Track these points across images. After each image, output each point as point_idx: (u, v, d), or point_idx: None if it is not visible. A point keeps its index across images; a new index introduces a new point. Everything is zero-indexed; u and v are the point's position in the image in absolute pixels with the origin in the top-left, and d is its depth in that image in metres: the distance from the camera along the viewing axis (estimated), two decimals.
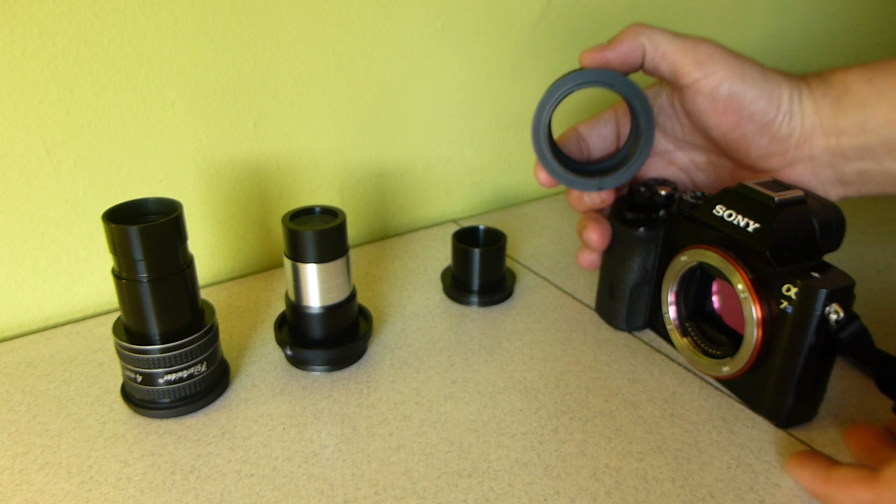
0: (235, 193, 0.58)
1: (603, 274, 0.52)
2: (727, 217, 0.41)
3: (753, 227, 0.39)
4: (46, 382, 0.45)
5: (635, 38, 0.43)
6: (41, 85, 0.47)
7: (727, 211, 0.41)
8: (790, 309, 0.38)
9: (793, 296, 0.38)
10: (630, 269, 0.48)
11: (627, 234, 0.48)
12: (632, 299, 0.49)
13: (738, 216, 0.40)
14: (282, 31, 0.55)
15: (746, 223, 0.40)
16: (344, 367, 0.47)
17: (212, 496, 0.36)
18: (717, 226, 0.42)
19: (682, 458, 0.39)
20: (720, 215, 0.41)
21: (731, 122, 0.42)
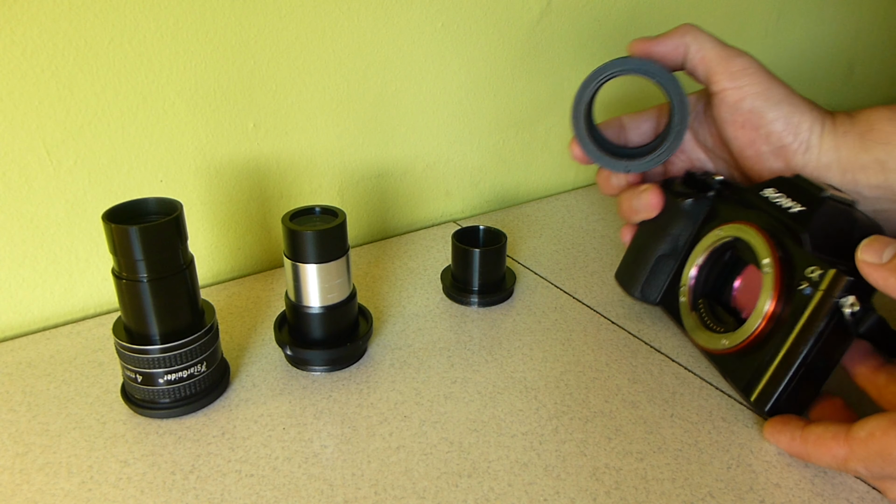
0: (235, 193, 0.58)
1: (634, 240, 0.52)
2: (773, 198, 0.42)
3: (797, 209, 0.40)
4: (46, 382, 0.45)
5: (681, 37, 0.44)
6: (41, 85, 0.47)
7: (776, 194, 0.42)
8: (808, 290, 0.38)
9: (815, 277, 0.38)
10: (664, 238, 0.49)
11: (672, 203, 0.48)
12: (654, 269, 0.50)
13: (785, 199, 0.41)
14: (282, 31, 0.55)
15: (791, 206, 0.40)
16: (344, 367, 0.47)
17: (212, 496, 0.36)
18: (761, 206, 0.42)
19: (682, 458, 0.39)
20: (766, 196, 0.42)
21: (747, 138, 0.44)
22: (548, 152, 0.77)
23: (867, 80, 1.09)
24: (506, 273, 0.56)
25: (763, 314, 0.40)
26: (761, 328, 0.40)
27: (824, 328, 0.37)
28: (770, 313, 0.39)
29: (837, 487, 0.37)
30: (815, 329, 0.37)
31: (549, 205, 0.75)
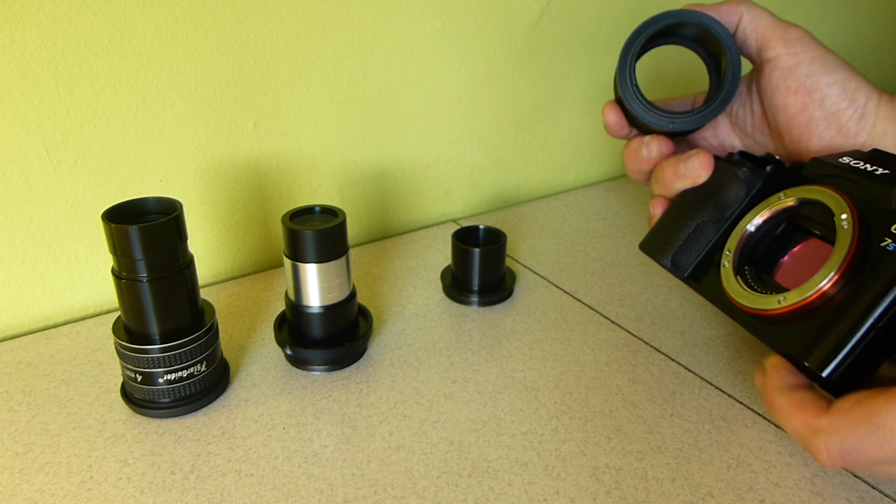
0: (235, 193, 0.58)
1: (671, 206, 0.47)
2: (853, 164, 0.38)
3: (882, 172, 0.37)
4: (46, 382, 0.45)
5: (736, 6, 0.44)
6: (41, 85, 0.47)
7: (855, 161, 0.38)
8: (892, 247, 0.34)
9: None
10: (710, 204, 0.44)
11: (727, 169, 0.44)
12: (692, 236, 0.45)
13: (867, 164, 0.38)
14: (282, 31, 0.55)
15: (875, 169, 0.37)
16: (344, 367, 0.47)
17: (212, 496, 0.36)
18: (836, 171, 0.38)
19: (682, 458, 0.39)
20: (846, 162, 0.39)
21: (800, 104, 0.42)
22: (548, 152, 0.77)
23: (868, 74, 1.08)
24: (506, 273, 0.56)
25: (836, 268, 0.35)
26: (829, 286, 0.35)
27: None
28: (844, 268, 0.35)
29: (837, 487, 0.37)
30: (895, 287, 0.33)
31: (549, 205, 0.75)
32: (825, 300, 0.35)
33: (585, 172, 0.81)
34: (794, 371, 0.36)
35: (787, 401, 0.35)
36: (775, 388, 0.36)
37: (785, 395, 0.35)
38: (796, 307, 0.36)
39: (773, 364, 0.37)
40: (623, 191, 0.79)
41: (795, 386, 0.35)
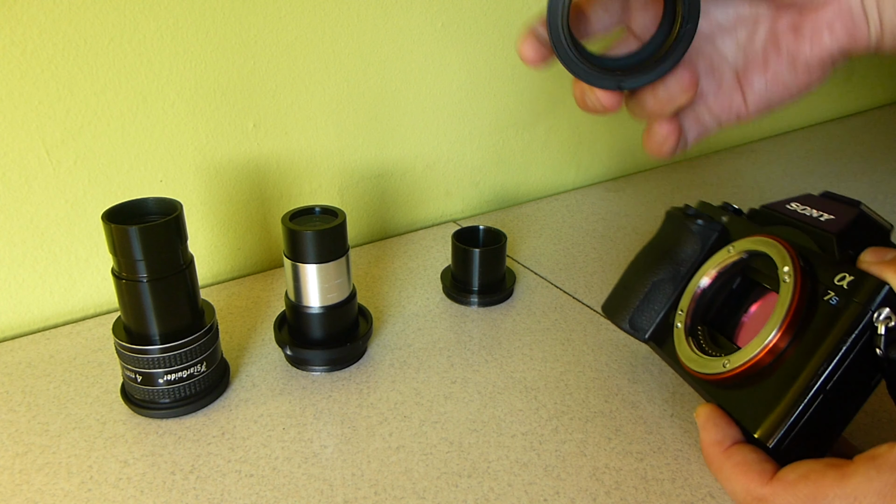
0: (235, 193, 0.58)
1: (630, 265, 0.45)
2: (800, 209, 0.37)
3: (827, 217, 0.35)
4: (46, 382, 0.45)
5: None
6: (41, 85, 0.47)
7: (803, 207, 0.37)
8: (835, 300, 0.31)
9: (845, 285, 0.31)
10: (665, 261, 0.43)
11: (681, 223, 0.42)
12: (649, 296, 0.43)
13: (814, 210, 0.36)
14: (282, 31, 0.55)
15: (820, 214, 0.35)
16: (344, 367, 0.47)
17: (212, 496, 0.36)
18: (784, 216, 0.37)
19: (682, 458, 0.39)
20: (793, 208, 0.37)
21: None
22: (548, 152, 0.77)
23: (867, 80, 1.09)
24: (506, 273, 0.56)
25: (777, 327, 0.32)
26: (772, 345, 0.33)
27: (852, 345, 0.30)
28: (785, 327, 0.32)
29: None
30: (842, 346, 0.30)
31: (549, 205, 0.75)
32: (771, 361, 0.33)
33: (585, 172, 0.81)
34: (730, 422, 0.33)
35: (728, 461, 0.32)
36: (714, 442, 0.33)
37: (726, 454, 0.32)
38: (740, 371, 0.34)
39: (708, 416, 0.34)
40: (623, 191, 0.79)
41: (735, 442, 0.32)
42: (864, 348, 0.30)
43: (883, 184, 0.80)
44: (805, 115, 1.03)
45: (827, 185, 0.80)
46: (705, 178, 0.83)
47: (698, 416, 0.34)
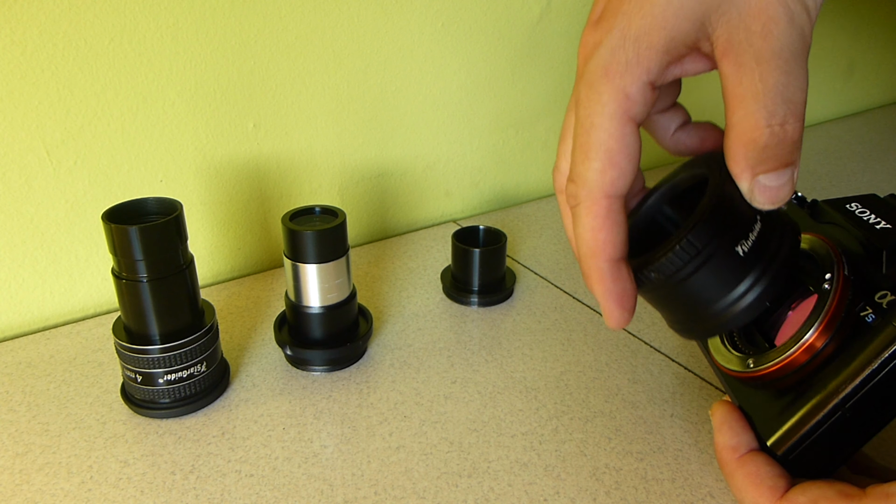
0: (235, 193, 0.58)
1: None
2: (858, 212, 0.35)
3: (883, 226, 0.33)
4: (46, 382, 0.45)
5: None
6: (41, 85, 0.47)
7: (862, 209, 0.35)
8: (871, 318, 0.30)
9: (885, 304, 0.30)
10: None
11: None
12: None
13: (873, 215, 0.34)
14: (282, 31, 0.55)
15: (878, 221, 0.34)
16: (344, 367, 0.47)
17: (212, 496, 0.36)
18: (839, 219, 0.35)
19: (682, 458, 0.39)
20: (852, 209, 0.35)
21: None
22: (548, 152, 0.77)
23: (867, 80, 1.09)
24: (506, 273, 0.56)
25: (807, 337, 0.31)
26: (799, 353, 0.31)
27: (880, 368, 0.29)
28: (815, 337, 0.31)
29: None
30: (870, 367, 0.29)
31: (549, 205, 0.75)
32: (795, 369, 0.32)
33: None
34: (746, 426, 0.32)
35: (741, 469, 0.31)
36: (729, 447, 0.32)
37: (740, 462, 0.31)
38: (764, 373, 0.33)
39: (724, 418, 0.33)
40: None
41: (751, 451, 0.32)
42: (893, 372, 0.29)
43: (883, 184, 0.80)
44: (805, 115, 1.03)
45: (827, 185, 0.80)
46: None
47: (714, 415, 0.33)
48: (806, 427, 0.30)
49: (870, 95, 1.10)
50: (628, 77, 0.26)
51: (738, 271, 0.30)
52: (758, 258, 0.30)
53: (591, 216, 0.28)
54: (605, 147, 0.27)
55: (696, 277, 0.30)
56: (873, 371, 0.29)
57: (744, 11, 0.24)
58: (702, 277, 0.30)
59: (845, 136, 0.99)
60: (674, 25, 0.25)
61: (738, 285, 0.30)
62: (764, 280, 0.30)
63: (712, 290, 0.30)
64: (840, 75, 1.05)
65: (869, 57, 1.06)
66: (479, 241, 0.57)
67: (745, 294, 0.30)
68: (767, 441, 0.31)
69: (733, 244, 0.29)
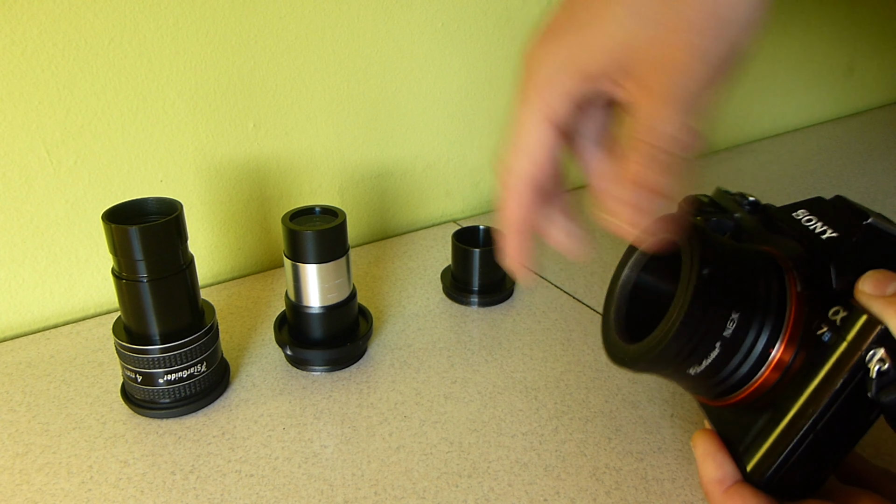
0: (235, 193, 0.58)
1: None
2: (805, 221, 0.34)
3: (829, 234, 0.32)
4: (46, 382, 0.45)
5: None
6: (41, 85, 0.47)
7: (808, 216, 0.34)
8: (828, 336, 0.29)
9: (838, 321, 0.29)
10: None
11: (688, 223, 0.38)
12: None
13: (819, 222, 0.33)
14: (282, 31, 0.55)
15: (824, 230, 0.33)
16: (344, 367, 0.47)
17: (212, 496, 0.36)
18: (787, 227, 0.34)
19: (682, 458, 0.39)
20: (798, 218, 0.34)
21: None
22: None
23: (867, 80, 1.09)
24: (506, 273, 0.56)
25: (773, 354, 0.31)
26: (764, 377, 0.31)
27: (842, 388, 0.29)
28: (776, 361, 0.31)
29: None
30: (832, 387, 0.29)
31: None
32: (763, 393, 0.31)
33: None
34: (728, 456, 0.32)
35: (727, 502, 0.31)
36: (714, 480, 0.32)
37: (726, 495, 0.31)
38: (734, 401, 0.33)
39: (706, 450, 0.33)
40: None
41: (736, 483, 0.32)
42: (857, 390, 0.29)
43: (883, 184, 0.80)
44: (805, 115, 1.04)
45: (827, 185, 0.80)
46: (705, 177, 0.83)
47: (696, 447, 0.33)
48: (783, 452, 0.30)
49: (870, 95, 1.10)
50: (550, 90, 0.31)
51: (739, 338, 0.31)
52: (752, 314, 0.31)
53: (515, 197, 0.34)
54: (527, 141, 0.32)
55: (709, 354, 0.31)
56: (836, 392, 0.29)
57: (656, 56, 0.28)
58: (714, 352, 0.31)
59: (845, 136, 0.99)
60: (598, 59, 0.29)
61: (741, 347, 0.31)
62: (765, 329, 0.31)
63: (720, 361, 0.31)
64: (840, 75, 1.05)
65: (869, 57, 1.06)
66: (479, 240, 0.57)
67: (752, 349, 0.31)
68: (747, 468, 0.31)
69: (725, 319, 0.30)
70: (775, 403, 0.31)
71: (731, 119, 0.94)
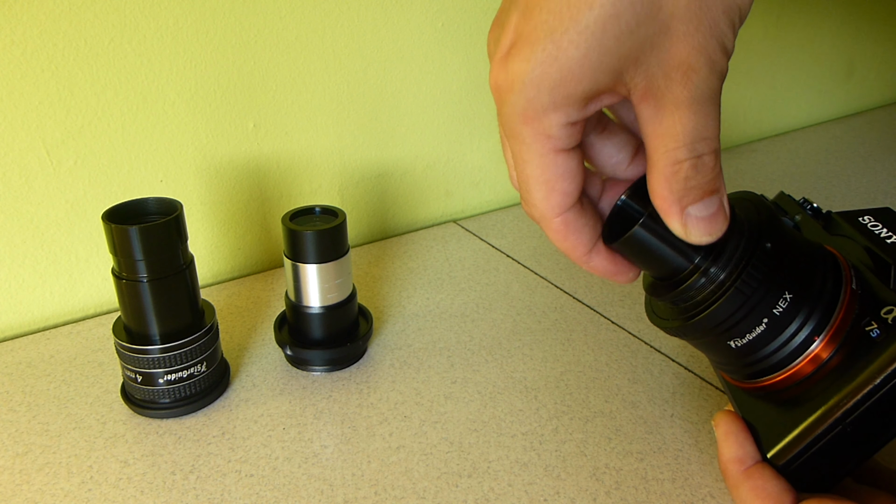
0: (235, 193, 0.58)
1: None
2: (870, 226, 0.35)
3: (894, 240, 0.33)
4: (46, 382, 0.45)
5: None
6: (41, 85, 0.47)
7: (874, 222, 0.35)
8: (876, 333, 0.30)
9: (890, 320, 0.30)
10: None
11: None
12: None
13: (885, 229, 0.34)
14: (282, 31, 0.55)
15: (889, 235, 0.34)
16: (344, 367, 0.47)
17: (212, 496, 0.36)
18: (851, 232, 0.35)
19: (682, 458, 0.39)
20: (864, 223, 0.35)
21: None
22: None
23: (867, 80, 1.09)
24: None
25: (813, 348, 0.31)
26: (805, 363, 0.31)
27: (882, 384, 0.28)
28: (821, 348, 0.31)
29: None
30: (872, 382, 0.28)
31: None
32: (799, 380, 0.31)
33: None
34: (750, 438, 0.32)
35: (747, 482, 0.31)
36: (735, 459, 0.32)
37: (745, 475, 0.31)
38: (766, 384, 0.32)
39: (728, 429, 0.33)
40: None
41: (756, 463, 0.31)
42: (893, 389, 0.28)
43: (883, 184, 0.80)
44: (805, 115, 1.03)
45: (827, 185, 0.80)
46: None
47: (718, 426, 0.33)
48: (806, 440, 0.30)
49: (870, 95, 1.10)
50: (546, 121, 0.26)
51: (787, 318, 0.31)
52: (803, 299, 0.31)
53: (553, 232, 0.30)
54: (541, 180, 0.28)
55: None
56: (875, 387, 0.28)
57: (664, 61, 0.25)
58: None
59: (845, 136, 0.99)
60: (591, 78, 0.25)
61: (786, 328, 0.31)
62: (812, 318, 0.31)
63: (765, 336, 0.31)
64: (840, 75, 1.04)
65: (869, 57, 1.06)
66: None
67: (795, 335, 0.31)
68: (768, 453, 0.31)
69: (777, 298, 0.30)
70: (807, 394, 0.31)
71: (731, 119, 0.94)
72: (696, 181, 0.27)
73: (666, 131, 0.26)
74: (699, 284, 0.30)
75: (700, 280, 0.30)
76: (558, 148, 0.27)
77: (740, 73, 0.91)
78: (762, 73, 0.94)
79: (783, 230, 0.31)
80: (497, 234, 0.67)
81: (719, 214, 0.28)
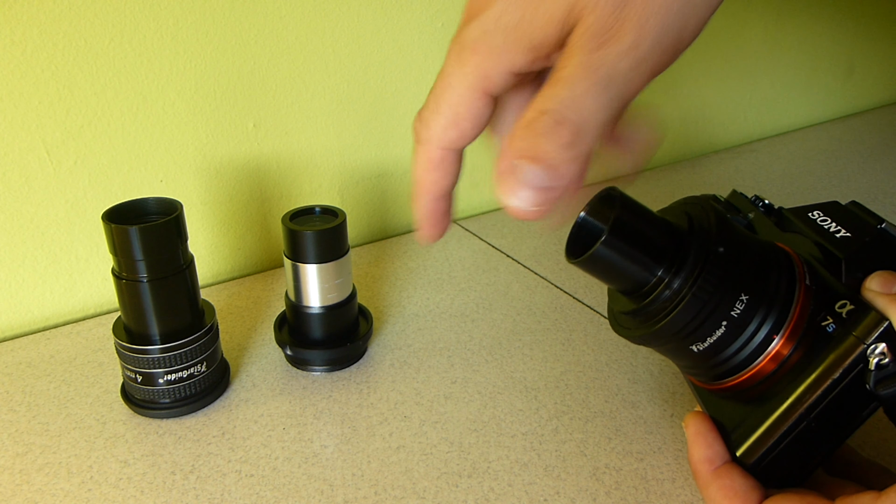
0: (235, 193, 0.58)
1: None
2: (820, 221, 0.35)
3: (843, 234, 0.34)
4: (46, 382, 0.45)
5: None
6: (41, 85, 0.47)
7: (823, 217, 0.35)
8: (832, 328, 0.31)
9: (844, 314, 0.30)
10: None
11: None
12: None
13: (833, 223, 0.35)
14: (282, 31, 0.55)
15: (838, 229, 0.34)
16: (344, 367, 0.47)
17: (212, 496, 0.36)
18: (803, 227, 0.35)
19: (682, 458, 0.39)
20: (814, 218, 0.36)
21: None
22: None
23: (867, 80, 1.09)
24: None
25: (773, 346, 0.32)
26: (766, 362, 0.32)
27: (841, 377, 0.29)
28: (774, 352, 0.31)
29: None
30: (831, 376, 0.29)
31: None
32: (761, 379, 0.32)
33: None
34: (719, 438, 0.33)
35: (716, 482, 0.31)
36: (704, 459, 0.32)
37: (714, 475, 0.31)
38: (730, 385, 0.33)
39: (697, 430, 0.33)
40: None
41: (725, 463, 0.32)
42: (855, 381, 0.29)
43: (883, 184, 0.80)
44: (805, 115, 1.04)
45: (827, 185, 0.80)
46: (705, 178, 0.83)
47: (687, 427, 0.34)
48: (773, 438, 0.31)
49: (870, 95, 1.10)
50: (492, 61, 0.26)
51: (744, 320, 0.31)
52: (760, 300, 0.31)
53: (427, 159, 0.30)
54: (455, 109, 0.28)
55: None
56: (835, 381, 0.29)
57: (594, 26, 0.24)
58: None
59: (845, 136, 0.99)
60: (542, 26, 0.24)
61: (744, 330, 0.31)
62: (770, 317, 0.31)
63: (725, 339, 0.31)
64: (840, 75, 1.05)
65: (869, 57, 1.06)
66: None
67: (753, 336, 0.31)
68: (737, 452, 0.32)
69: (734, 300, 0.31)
70: (770, 392, 0.31)
71: (731, 119, 0.94)
72: (546, 144, 0.24)
73: (554, 87, 0.24)
74: (664, 297, 0.31)
75: (665, 292, 0.31)
76: (488, 91, 0.27)
77: (740, 73, 0.91)
78: (762, 73, 0.94)
79: (734, 233, 0.32)
80: (497, 234, 0.67)
81: (540, 196, 0.25)
